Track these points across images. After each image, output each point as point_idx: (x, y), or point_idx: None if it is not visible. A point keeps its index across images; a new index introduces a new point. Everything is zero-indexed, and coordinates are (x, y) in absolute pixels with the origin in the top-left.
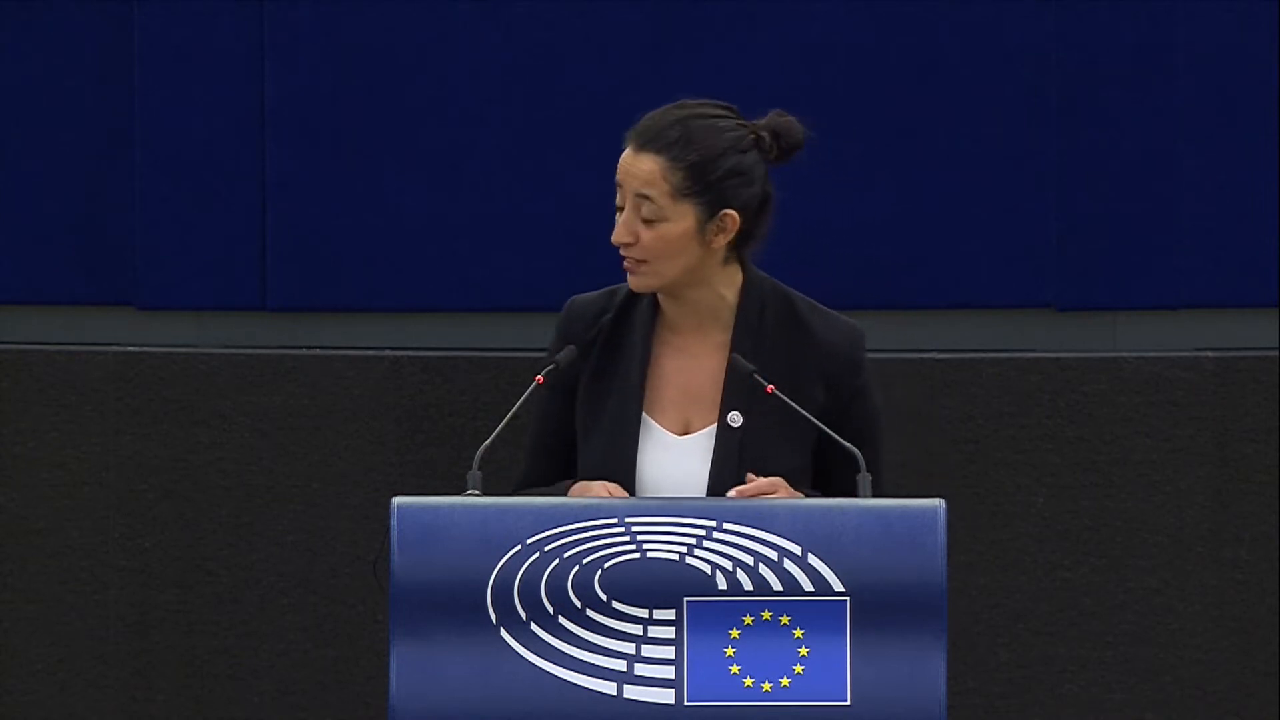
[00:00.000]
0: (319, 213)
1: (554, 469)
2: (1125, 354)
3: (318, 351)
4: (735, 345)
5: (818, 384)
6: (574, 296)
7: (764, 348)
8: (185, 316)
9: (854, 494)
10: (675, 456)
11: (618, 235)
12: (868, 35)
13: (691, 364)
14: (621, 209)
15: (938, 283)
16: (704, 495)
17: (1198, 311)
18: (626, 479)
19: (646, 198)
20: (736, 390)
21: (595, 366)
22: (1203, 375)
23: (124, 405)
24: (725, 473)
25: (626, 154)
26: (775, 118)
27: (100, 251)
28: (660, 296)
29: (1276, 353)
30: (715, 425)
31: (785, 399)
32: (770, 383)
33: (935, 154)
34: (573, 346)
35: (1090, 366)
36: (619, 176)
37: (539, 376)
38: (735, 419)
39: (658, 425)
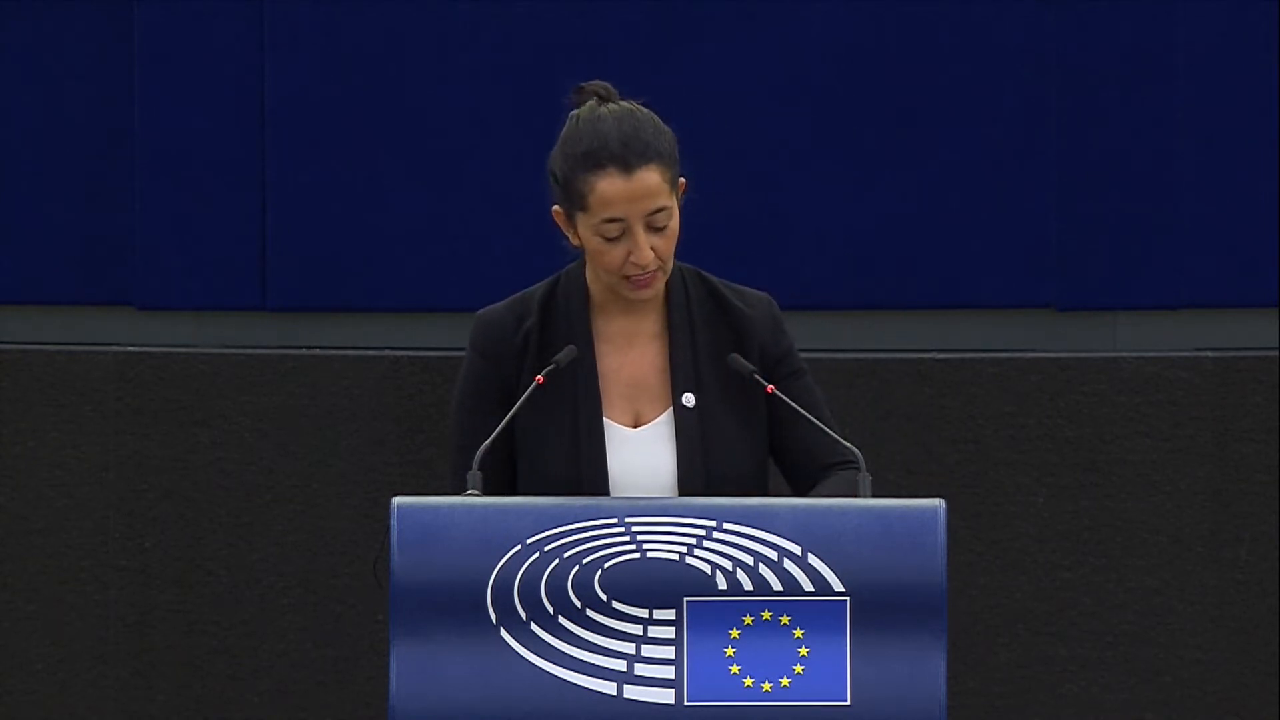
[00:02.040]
0: (319, 213)
1: (502, 484)
2: (1125, 354)
3: (318, 351)
4: (673, 331)
5: (754, 356)
6: (483, 310)
7: (697, 330)
8: (185, 316)
9: (818, 448)
10: (635, 449)
11: (646, 259)
12: (868, 35)
13: (632, 356)
14: (616, 239)
15: (938, 283)
16: (672, 482)
17: (1198, 311)
18: (598, 480)
19: (661, 209)
20: (683, 374)
21: (531, 376)
22: (1203, 375)
23: (124, 405)
24: (692, 454)
25: (616, 184)
26: (595, 86)
27: (100, 251)
28: (600, 292)
29: (1276, 353)
30: (668, 412)
31: (784, 398)
32: (711, 367)
33: (935, 154)
34: (573, 346)
35: (1090, 366)
36: (619, 211)
37: (539, 377)
38: (690, 400)
39: (611, 421)
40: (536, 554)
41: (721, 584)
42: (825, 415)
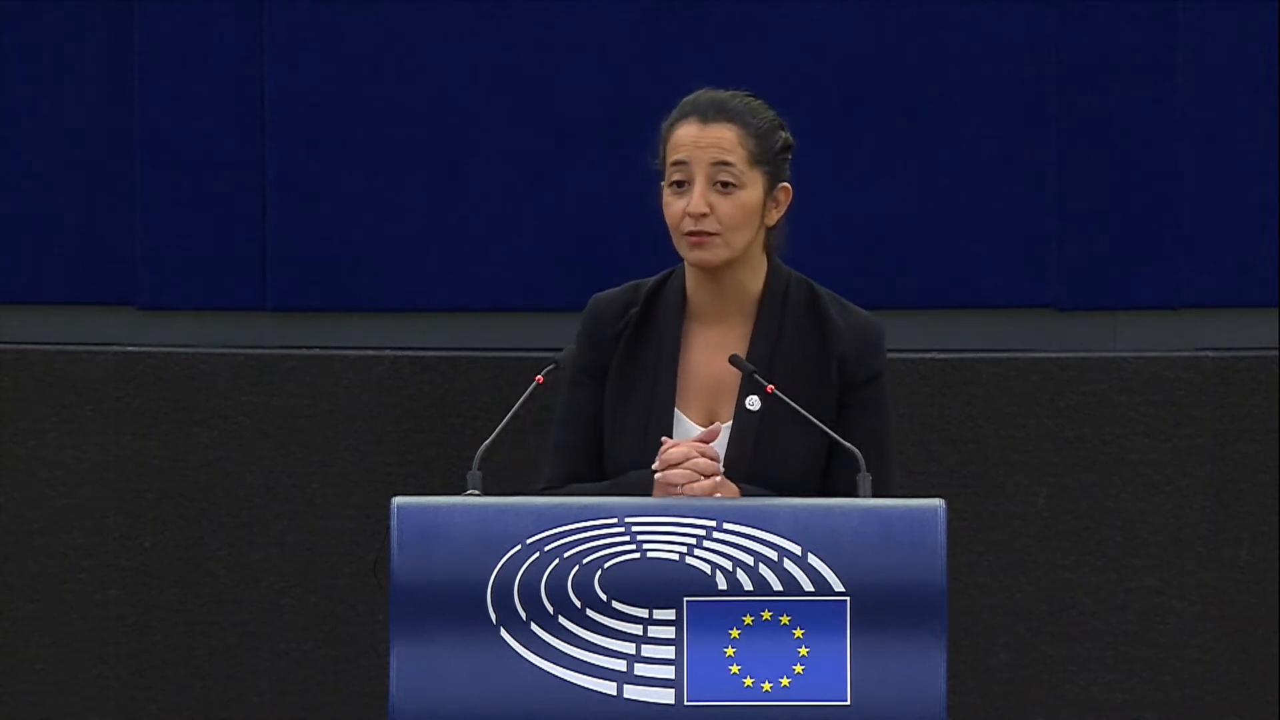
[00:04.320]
0: (319, 213)
1: (596, 462)
2: (1125, 354)
3: (318, 351)
4: (757, 334)
5: (831, 368)
6: (597, 294)
7: (784, 336)
8: (185, 316)
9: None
10: None
11: (695, 206)
12: (868, 35)
13: (717, 356)
14: (681, 184)
15: (938, 283)
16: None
17: (1198, 311)
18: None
19: (726, 164)
20: (754, 378)
21: (621, 360)
22: (1203, 375)
23: (124, 405)
24: (741, 456)
25: (691, 129)
26: None
27: (100, 251)
28: (691, 287)
29: (1276, 353)
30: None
31: (784, 398)
32: (783, 372)
33: (935, 154)
34: (573, 347)
35: (1090, 366)
36: (685, 153)
37: (539, 376)
38: (754, 402)
39: (685, 418)
40: (536, 554)
41: (721, 584)
42: (882, 450)
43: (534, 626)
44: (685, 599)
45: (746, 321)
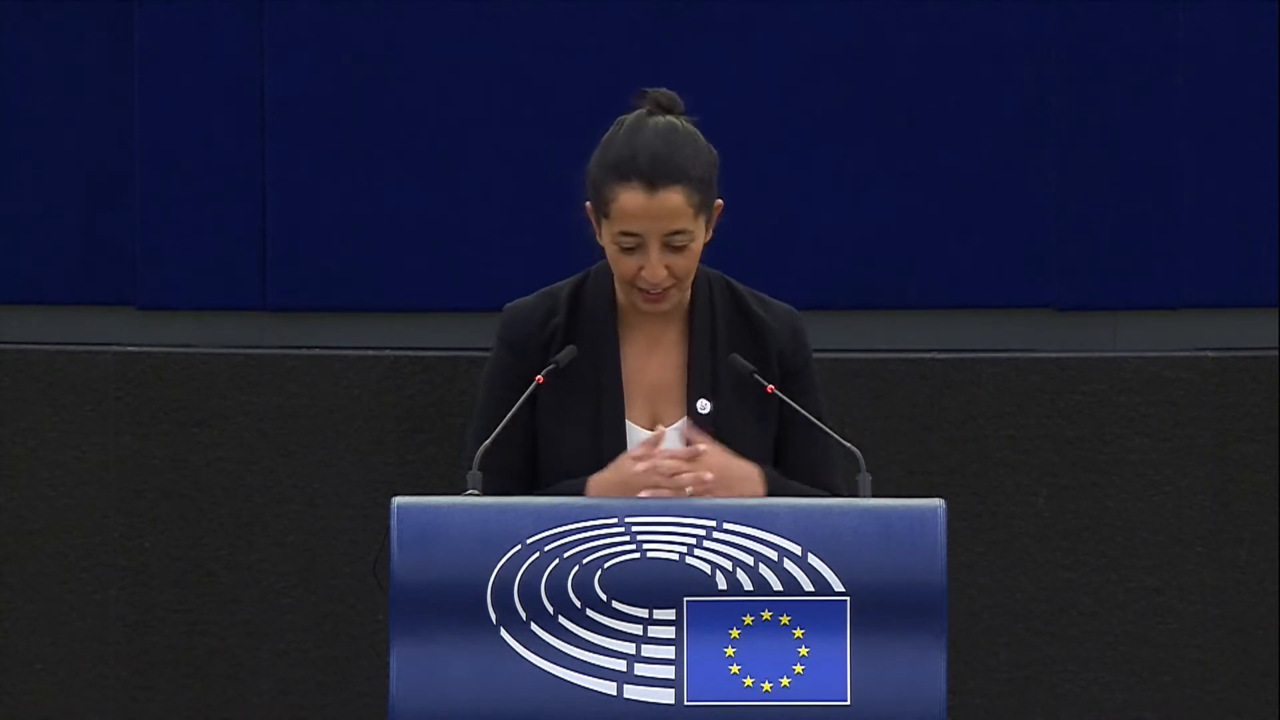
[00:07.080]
0: (319, 213)
1: (524, 479)
2: (1125, 354)
3: (318, 351)
4: (694, 336)
5: (774, 362)
6: (511, 304)
7: (719, 336)
8: (185, 316)
9: (811, 471)
10: None
11: (655, 277)
12: (867, 35)
13: (654, 360)
14: (631, 251)
15: (938, 283)
16: None
17: (1198, 311)
18: None
19: (679, 231)
20: (700, 380)
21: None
22: (1203, 375)
23: (124, 405)
24: None
25: (637, 198)
26: (659, 94)
27: (100, 251)
28: (623, 295)
29: (1276, 353)
30: (685, 418)
31: (784, 398)
32: (732, 370)
33: (935, 154)
34: (573, 346)
35: (1090, 366)
36: (636, 225)
37: (539, 377)
38: (704, 406)
39: (634, 425)
40: (536, 554)
41: (721, 584)
42: (825, 435)
43: (534, 626)
44: (685, 599)
45: (678, 323)
